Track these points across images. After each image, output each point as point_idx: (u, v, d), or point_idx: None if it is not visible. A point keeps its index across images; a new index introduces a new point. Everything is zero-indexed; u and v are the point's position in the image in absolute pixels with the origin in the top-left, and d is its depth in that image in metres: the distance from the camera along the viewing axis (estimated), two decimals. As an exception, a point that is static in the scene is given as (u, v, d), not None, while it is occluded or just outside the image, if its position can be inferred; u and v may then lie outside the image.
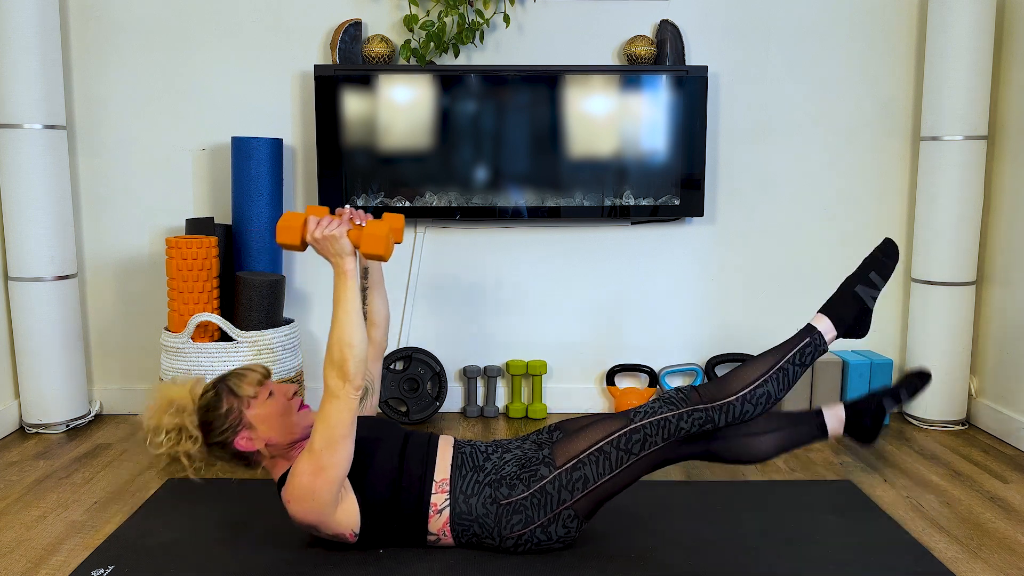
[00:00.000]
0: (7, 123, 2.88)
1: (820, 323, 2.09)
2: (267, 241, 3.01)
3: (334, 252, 1.90)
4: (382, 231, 1.90)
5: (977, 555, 2.09)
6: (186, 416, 1.96)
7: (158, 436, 1.95)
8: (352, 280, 1.88)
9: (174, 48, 3.13)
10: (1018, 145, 2.96)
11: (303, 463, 1.87)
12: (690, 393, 2.02)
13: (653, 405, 2.02)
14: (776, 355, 2.05)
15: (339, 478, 1.87)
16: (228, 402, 1.96)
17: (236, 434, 1.96)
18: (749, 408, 2.00)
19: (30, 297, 2.96)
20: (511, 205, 3.09)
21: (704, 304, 3.30)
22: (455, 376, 3.33)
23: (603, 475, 1.97)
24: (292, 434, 2.00)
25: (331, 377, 1.83)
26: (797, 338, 2.07)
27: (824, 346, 2.07)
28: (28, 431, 3.04)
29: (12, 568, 2.01)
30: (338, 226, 1.90)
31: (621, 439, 1.97)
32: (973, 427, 3.13)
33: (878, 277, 2.11)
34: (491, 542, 2.00)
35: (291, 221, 1.94)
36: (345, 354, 1.82)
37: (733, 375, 2.04)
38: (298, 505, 1.90)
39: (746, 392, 2.00)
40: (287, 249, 1.98)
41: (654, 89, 3.05)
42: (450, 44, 3.08)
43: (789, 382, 2.04)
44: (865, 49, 3.19)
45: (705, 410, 1.99)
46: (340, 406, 1.83)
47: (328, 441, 1.84)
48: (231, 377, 2.00)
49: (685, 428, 1.99)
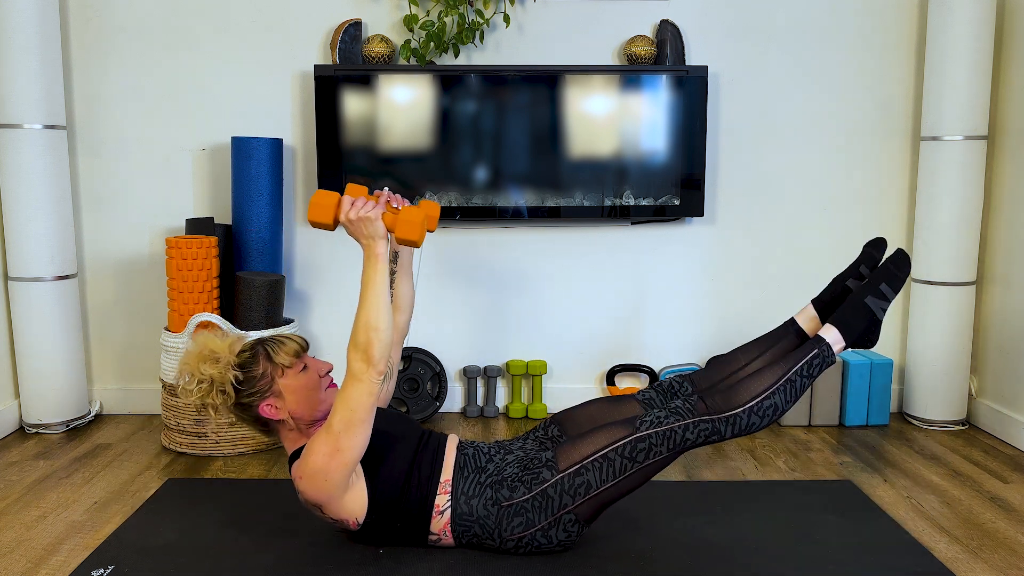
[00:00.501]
0: (7, 123, 2.89)
1: (828, 334, 2.05)
2: (267, 241, 3.01)
3: (367, 234, 1.87)
4: (418, 217, 1.87)
5: (977, 555, 2.09)
6: (223, 370, 1.96)
7: (191, 384, 1.97)
8: (383, 264, 1.86)
9: (174, 48, 3.13)
10: (1018, 145, 2.96)
11: (319, 442, 1.86)
12: (697, 403, 1.99)
13: (659, 414, 1.99)
14: (784, 365, 2.01)
15: (353, 461, 1.86)
16: (263, 366, 1.97)
17: (263, 399, 1.97)
18: (755, 420, 1.98)
19: (30, 297, 2.96)
20: (511, 205, 3.09)
21: (704, 304, 3.30)
22: (455, 376, 3.33)
23: (606, 481, 1.96)
24: (316, 411, 2.00)
25: (355, 360, 1.82)
26: (806, 349, 2.03)
27: (832, 358, 2.04)
28: (28, 431, 3.04)
29: (12, 568, 2.01)
30: (373, 208, 1.87)
31: (626, 447, 1.96)
32: (973, 427, 3.13)
33: (889, 289, 2.08)
34: (491, 543, 2.00)
35: (324, 199, 1.89)
36: (371, 338, 1.81)
37: (740, 384, 2.00)
38: (308, 482, 1.89)
39: (753, 404, 1.97)
40: (317, 227, 1.93)
41: (654, 89, 3.05)
42: (450, 44, 3.08)
43: (796, 393, 2.01)
44: (865, 49, 3.19)
45: (712, 421, 1.97)
46: (362, 389, 1.82)
47: (347, 423, 1.83)
48: (270, 342, 2.00)
49: (691, 439, 1.97)
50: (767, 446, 2.90)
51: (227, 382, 1.95)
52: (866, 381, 3.10)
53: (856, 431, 3.07)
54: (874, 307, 2.06)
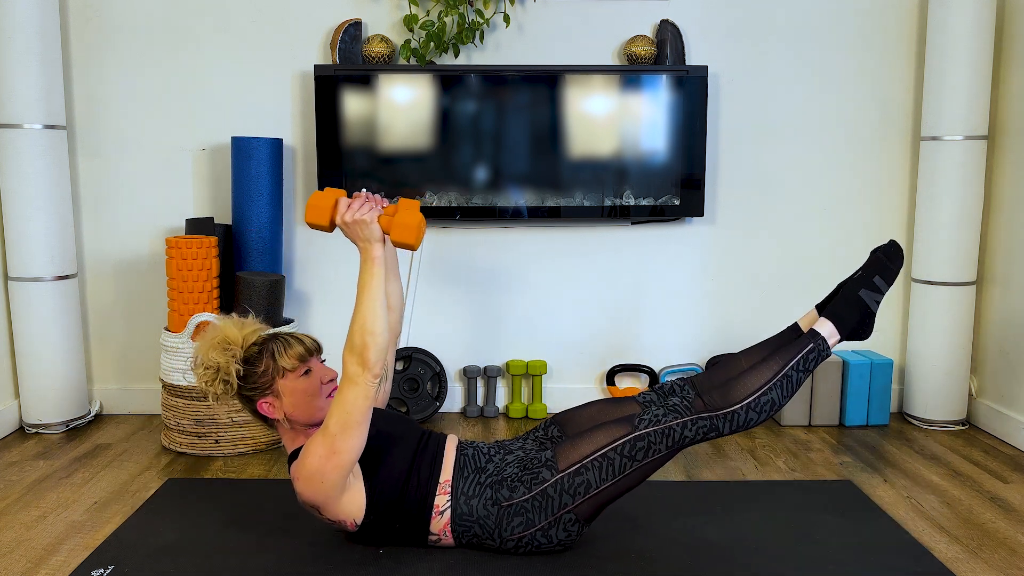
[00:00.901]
0: (7, 123, 2.88)
1: (823, 328, 2.07)
2: (267, 241, 3.01)
3: (363, 237, 1.87)
4: (414, 220, 1.86)
5: (977, 555, 2.09)
6: (229, 360, 1.96)
7: (199, 368, 1.98)
8: (379, 267, 1.86)
9: (174, 48, 3.13)
10: (1018, 145, 2.96)
11: (316, 444, 1.86)
12: (695, 400, 2.00)
13: (657, 412, 2.00)
14: (780, 360, 2.02)
15: (350, 463, 1.87)
16: (266, 364, 1.97)
17: (262, 396, 1.98)
18: (753, 416, 1.99)
19: (30, 297, 2.96)
20: (511, 205, 3.09)
21: (704, 304, 3.30)
22: (455, 376, 3.33)
23: (605, 480, 1.96)
24: (313, 416, 2.00)
25: (351, 364, 1.82)
26: (801, 343, 2.05)
27: (828, 351, 2.06)
28: (28, 431, 3.04)
29: (12, 568, 2.01)
30: (370, 211, 1.87)
31: (625, 446, 1.96)
32: (973, 427, 3.13)
33: (882, 281, 2.09)
34: (491, 543, 2.00)
35: (321, 201, 1.89)
36: (367, 341, 1.81)
37: (737, 381, 2.02)
38: (305, 484, 1.89)
39: (750, 400, 1.99)
40: (314, 229, 1.92)
41: (654, 89, 3.05)
42: (450, 44, 3.08)
43: (793, 388, 2.02)
44: (865, 49, 3.19)
45: (710, 418, 1.98)
46: (357, 392, 1.82)
47: (343, 426, 1.83)
48: (279, 341, 2.00)
49: (689, 437, 1.98)
50: (767, 446, 2.90)
51: (231, 373, 1.96)
52: (866, 381, 3.10)
53: (856, 431, 3.07)
54: (868, 299, 2.08)
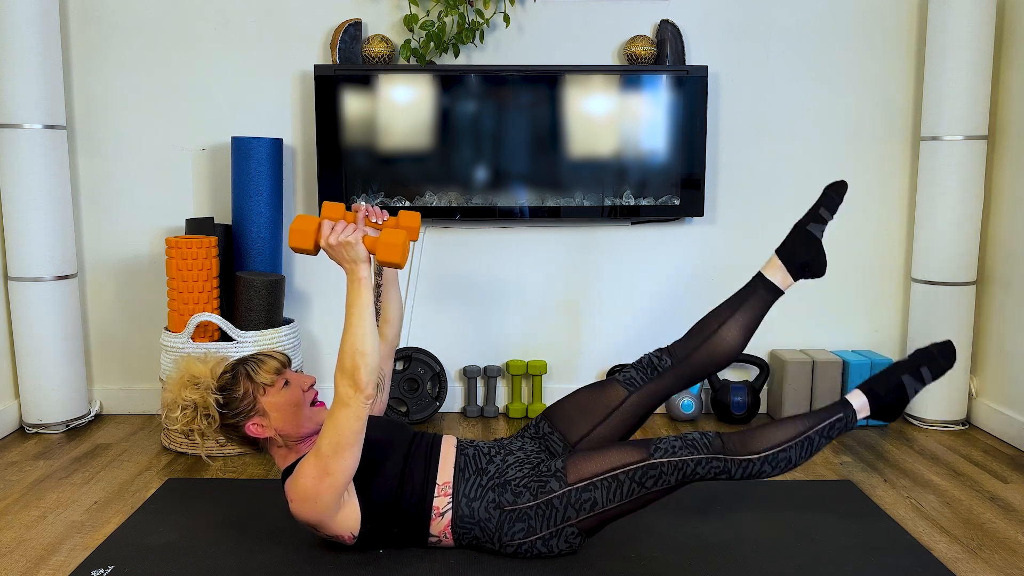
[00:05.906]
0: (7, 123, 2.88)
1: (856, 399, 2.06)
2: (267, 241, 3.01)
3: (349, 259, 1.86)
4: (398, 239, 1.85)
5: (977, 555, 2.09)
6: (204, 394, 1.95)
7: (174, 411, 1.96)
8: (366, 288, 1.84)
9: (174, 48, 3.13)
10: (1018, 145, 2.96)
11: (309, 465, 1.86)
12: (714, 440, 1.99)
13: (675, 443, 1.98)
14: (807, 421, 2.01)
15: (343, 483, 1.87)
16: (244, 386, 1.96)
17: (248, 419, 1.97)
18: (767, 468, 1.98)
19: (30, 297, 2.96)
20: (511, 205, 3.09)
21: (703, 304, 3.30)
22: (455, 376, 3.33)
23: (612, 501, 1.96)
24: (303, 427, 1.99)
25: (342, 385, 1.81)
26: (832, 410, 2.04)
27: (855, 423, 2.06)
28: (28, 431, 3.04)
29: (12, 568, 2.01)
30: (353, 232, 1.86)
31: (637, 472, 1.95)
32: (973, 427, 3.13)
33: (928, 374, 2.08)
34: (491, 547, 2.00)
35: (304, 225, 1.88)
36: (357, 363, 1.80)
37: (760, 431, 2.00)
38: (300, 504, 1.90)
39: (768, 454, 1.97)
40: (298, 253, 1.92)
41: (654, 89, 3.05)
42: (450, 44, 3.08)
43: (812, 451, 2.01)
44: (865, 49, 3.19)
45: (724, 461, 1.96)
46: (349, 414, 1.81)
47: (335, 447, 1.82)
48: (250, 361, 2.00)
49: (700, 474, 1.96)
50: (767, 446, 2.90)
51: (210, 405, 1.95)
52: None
53: (856, 431, 3.07)
54: (908, 387, 2.07)
